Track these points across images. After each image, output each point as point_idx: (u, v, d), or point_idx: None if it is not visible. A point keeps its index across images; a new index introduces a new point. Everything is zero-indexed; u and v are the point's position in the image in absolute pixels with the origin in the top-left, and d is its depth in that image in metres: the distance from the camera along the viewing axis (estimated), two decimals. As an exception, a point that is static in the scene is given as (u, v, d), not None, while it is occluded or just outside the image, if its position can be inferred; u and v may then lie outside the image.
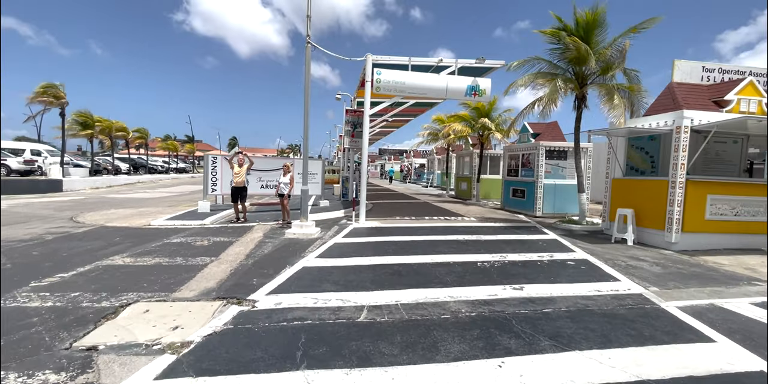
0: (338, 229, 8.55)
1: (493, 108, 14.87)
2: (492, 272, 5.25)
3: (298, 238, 7.52)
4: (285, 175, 9.42)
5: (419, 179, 34.19)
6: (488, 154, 16.69)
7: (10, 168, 21.20)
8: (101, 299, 4.01)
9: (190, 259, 5.74)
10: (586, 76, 9.00)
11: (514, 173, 12.92)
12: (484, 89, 9.41)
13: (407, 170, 38.05)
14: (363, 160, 9.43)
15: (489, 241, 7.51)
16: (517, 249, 6.78)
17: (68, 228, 8.43)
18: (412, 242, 7.19)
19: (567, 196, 11.55)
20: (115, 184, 24.93)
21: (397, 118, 19.20)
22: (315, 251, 6.35)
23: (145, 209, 12.26)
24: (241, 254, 6.13)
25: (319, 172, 12.32)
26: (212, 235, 7.67)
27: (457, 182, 19.03)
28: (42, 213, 11.18)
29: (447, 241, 7.39)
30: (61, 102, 22.14)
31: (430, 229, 8.79)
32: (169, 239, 7.25)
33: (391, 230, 8.52)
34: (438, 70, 9.52)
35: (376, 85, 8.90)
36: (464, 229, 8.78)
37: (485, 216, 11.44)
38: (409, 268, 5.40)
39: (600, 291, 4.50)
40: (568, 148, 11.52)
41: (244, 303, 3.96)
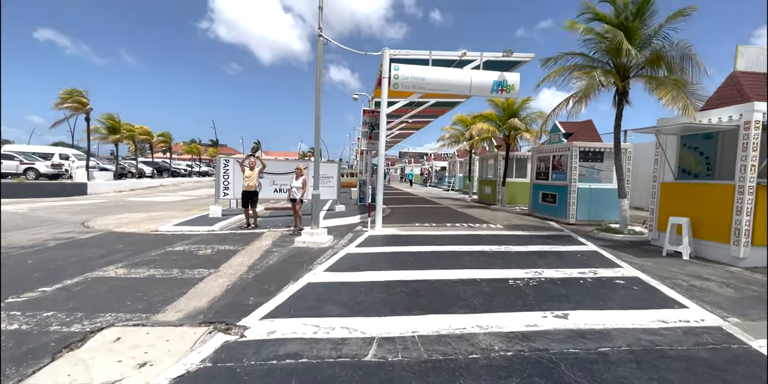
0: (352, 237, 7.91)
1: (522, 107, 13.94)
2: (527, 293, 4.46)
3: (308, 247, 6.92)
4: (297, 178, 8.89)
5: (440, 183, 33.29)
6: (514, 156, 15.73)
7: (38, 171, 21.77)
8: (73, 322, 3.49)
9: (186, 272, 5.21)
10: (628, 69, 8.04)
11: (543, 176, 11.97)
12: (512, 85, 8.60)
13: (428, 173, 37.20)
14: (379, 163, 8.79)
15: (519, 252, 6.68)
16: (552, 263, 5.93)
17: (75, 233, 8.15)
18: (432, 253, 6.46)
19: (603, 201, 10.51)
20: (138, 188, 25.27)
21: (417, 120, 18.50)
22: (324, 263, 5.72)
23: (159, 213, 12.03)
24: (243, 266, 5.56)
25: (334, 176, 11.76)
26: (218, 243, 7.18)
27: (481, 186, 18.11)
28: (58, 217, 11.09)
29: (472, 252, 6.61)
30: (86, 108, 22.61)
31: (452, 237, 8.02)
32: (172, 247, 6.80)
33: (410, 239, 7.81)
34: (461, 64, 8.78)
35: (393, 81, 8.25)
36: (490, 239, 7.96)
37: (512, 223, 10.54)
38: (429, 285, 4.68)
39: (666, 322, 3.64)
40: (604, 148, 10.50)
41: (232, 330, 3.35)
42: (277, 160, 12.70)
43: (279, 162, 12.24)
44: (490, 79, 8.49)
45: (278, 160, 14.23)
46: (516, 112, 13.91)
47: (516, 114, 13.88)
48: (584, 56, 8.32)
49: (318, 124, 7.17)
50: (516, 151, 15.90)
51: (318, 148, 7.29)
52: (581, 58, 8.39)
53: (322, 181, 11.54)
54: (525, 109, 14.18)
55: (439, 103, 14.40)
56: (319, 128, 7.19)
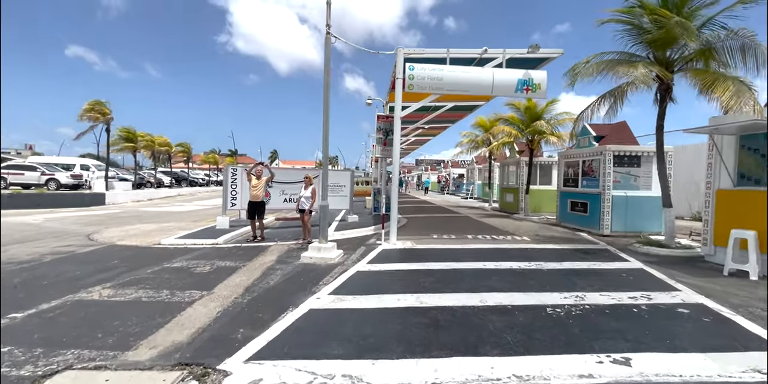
0: (364, 251, 7.24)
1: (547, 109, 13.09)
2: (571, 326, 3.67)
3: (315, 263, 6.29)
4: (306, 188, 8.33)
5: (458, 190, 32.36)
6: (538, 162, 14.82)
7: (59, 182, 22.07)
8: (27, 361, 2.93)
9: (177, 294, 4.65)
10: (673, 62, 7.19)
11: (572, 183, 11.05)
12: (538, 83, 7.85)
13: (445, 181, 36.31)
14: (394, 170, 8.13)
15: (554, 271, 5.85)
16: (594, 284, 5.10)
17: (76, 247, 7.79)
18: (453, 272, 5.71)
19: (642, 210, 9.53)
20: (155, 197, 25.39)
21: (434, 125, 17.84)
22: (330, 284, 5.06)
23: (169, 224, 11.70)
24: (241, 287, 4.97)
25: (347, 184, 11.18)
26: (219, 258, 6.64)
27: (502, 194, 17.19)
28: (69, 228, 10.88)
29: (498, 270, 5.83)
30: (107, 118, 22.95)
31: (475, 252, 7.25)
32: (170, 263, 6.30)
33: (427, 253, 7.08)
34: (481, 63, 8.11)
35: (408, 82, 7.64)
36: (518, 253, 7.15)
37: (540, 234, 9.66)
38: (452, 315, 3.95)
39: (762, 372, 2.81)
40: (642, 152, 9.55)
41: (210, 377, 2.72)
42: (287, 169, 12.22)
43: (289, 170, 11.76)
44: (514, 78, 7.78)
45: (288, 168, 13.76)
46: (540, 115, 13.07)
47: (540, 117, 13.04)
48: (620, 53, 7.51)
49: (326, 127, 6.61)
50: (540, 157, 15.00)
51: (326, 153, 6.71)
52: (616, 55, 7.59)
53: (334, 190, 10.98)
54: (549, 111, 13.32)
55: (457, 108, 13.71)
56: (327, 132, 6.62)
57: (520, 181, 15.06)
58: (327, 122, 6.59)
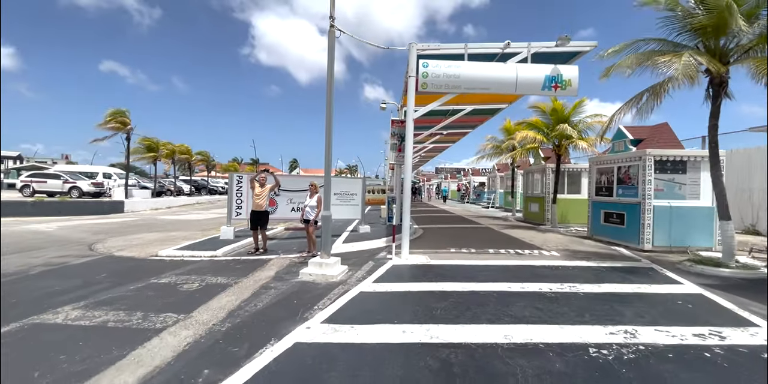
0: (372, 267, 6.50)
1: (575, 111, 12.11)
2: (624, 377, 2.81)
3: (314, 281, 5.59)
4: (311, 196, 7.71)
5: (479, 199, 31.22)
6: (565, 168, 13.77)
7: (81, 190, 22.46)
8: (-70, 413, 2.35)
9: (150, 317, 4.04)
10: (726, 52, 6.23)
11: (605, 192, 10.01)
12: (568, 80, 7.01)
13: (465, 189, 35.20)
14: (405, 177, 7.41)
15: (592, 295, 4.94)
16: (645, 314, 4.18)
17: (72, 257, 7.40)
18: (472, 295, 4.89)
19: (688, 222, 8.41)
20: (174, 205, 25.51)
21: (453, 131, 17.06)
22: (327, 308, 4.35)
23: (177, 233, 11.33)
24: (224, 310, 4.32)
25: (358, 193, 10.52)
26: (212, 273, 6.05)
27: (526, 203, 16.13)
28: (76, 237, 10.66)
29: (525, 293, 4.97)
30: (127, 128, 23.33)
31: (497, 270, 6.39)
32: (158, 278, 5.75)
33: (443, 271, 6.27)
34: (504, 59, 7.35)
35: (421, 80, 6.95)
36: (548, 272, 6.24)
37: (571, 248, 8.67)
38: (469, 356, 3.15)
39: None
40: (688, 157, 8.47)
41: (139, 448, 2.04)
42: (295, 176, 11.67)
43: (297, 178, 11.22)
44: (540, 74, 6.97)
45: (296, 175, 13.21)
46: (567, 118, 12.10)
47: (567, 120, 12.06)
48: (662, 42, 6.61)
49: (330, 126, 5.98)
50: (567, 163, 13.94)
51: (328, 158, 6.06)
52: (657, 44, 6.69)
53: (344, 198, 10.34)
54: (578, 113, 12.33)
55: (477, 111, 12.92)
56: (330, 130, 5.98)
57: (546, 189, 14.03)
58: (330, 118, 5.97)
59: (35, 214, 16.75)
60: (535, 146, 13.54)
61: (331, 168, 6.16)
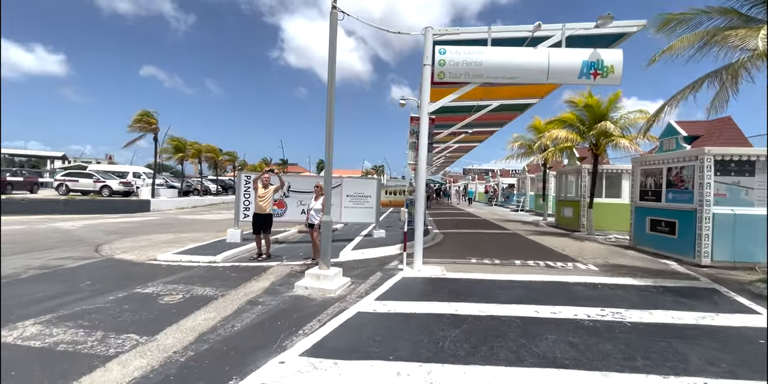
0: (378, 280, 5.76)
1: (613, 106, 10.86)
2: None
3: (309, 296, 4.92)
4: (317, 198, 7.11)
5: (507, 202, 29.76)
6: (603, 170, 12.48)
7: (111, 189, 23.09)
8: None
9: (108, 339, 3.50)
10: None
11: (652, 196, 8.78)
12: (610, 66, 6.00)
13: (493, 191, 33.75)
14: (419, 177, 6.62)
15: (642, 326, 3.97)
16: (717, 360, 3.20)
17: (72, 260, 7.15)
18: (489, 321, 4.05)
19: (758, 233, 7.11)
20: (199, 205, 25.83)
21: (478, 130, 16.03)
22: (312, 334, 3.66)
23: (189, 234, 11.07)
24: (195, 331, 3.72)
25: (373, 195, 9.81)
26: (203, 283, 5.52)
27: (559, 207, 14.87)
28: (90, 236, 10.64)
29: (557, 321, 4.07)
30: (154, 128, 23.79)
31: (523, 287, 5.48)
32: (143, 287, 5.28)
33: (459, 287, 5.44)
34: (534, 43, 6.42)
35: (438, 69, 6.16)
36: (585, 292, 5.27)
37: (611, 261, 7.56)
38: (477, 419, 2.35)
39: None
40: (757, 156, 7.17)
41: None
42: (305, 176, 11.14)
43: (308, 178, 10.67)
44: (577, 59, 5.99)
45: (306, 175, 12.70)
46: (604, 114, 10.86)
47: (604, 116, 10.83)
48: (730, 14, 5.47)
49: (330, 119, 5.31)
50: (605, 164, 12.63)
51: (329, 156, 5.38)
52: (723, 19, 5.56)
53: (358, 200, 9.67)
54: (615, 109, 11.05)
55: (505, 107, 11.90)
56: (331, 125, 5.31)
57: (582, 192, 12.77)
58: (332, 111, 5.30)
59: (67, 211, 17.24)
60: (569, 145, 12.34)
61: (331, 167, 5.48)
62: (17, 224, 12.81)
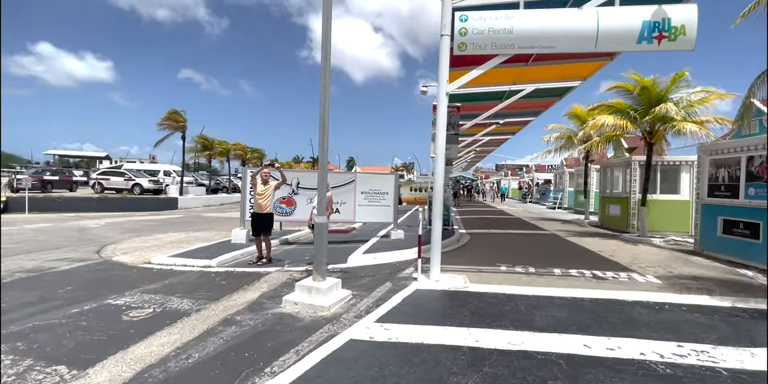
0: (386, 293, 4.83)
1: (674, 87, 9.24)
2: None
3: (297, 314, 4.07)
4: (320, 196, 6.24)
5: (543, 199, 27.85)
6: (658, 162, 10.84)
7: (142, 187, 23.58)
8: None
9: (28, 374, 2.81)
10: None
11: (725, 191, 7.26)
12: (680, 26, 4.70)
13: (527, 187, 31.80)
14: (436, 172, 5.58)
15: (745, 377, 2.79)
16: None
17: (68, 262, 6.75)
18: (521, 361, 3.01)
19: None
20: (226, 202, 25.95)
21: (511, 120, 14.63)
22: (283, 373, 2.79)
23: (201, 234, 10.64)
24: (141, 362, 2.96)
25: (390, 192, 8.87)
26: (183, 293, 4.83)
27: (603, 205, 13.26)
28: (105, 234, 10.49)
29: (617, 363, 2.96)
30: (181, 126, 24.03)
31: (566, 305, 4.35)
32: (118, 297, 4.65)
33: (483, 304, 4.39)
34: (579, 3, 5.19)
35: (459, 40, 5.10)
36: (649, 315, 4.07)
37: (675, 271, 6.20)
38: None
39: None
40: None
41: None
42: (315, 171, 10.32)
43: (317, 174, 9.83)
44: (635, 20, 4.74)
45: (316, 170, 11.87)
46: (663, 96, 9.26)
47: (663, 98, 9.24)
48: None
49: (326, 102, 4.42)
50: (661, 155, 10.95)
51: (324, 141, 4.48)
52: None
53: (373, 198, 8.77)
54: (677, 89, 9.39)
55: (541, 92, 10.54)
56: (327, 106, 4.42)
57: (631, 188, 11.19)
58: (327, 93, 4.41)
59: (100, 209, 17.57)
60: (617, 134, 10.77)
61: (326, 157, 4.58)
62: (45, 222, 12.97)
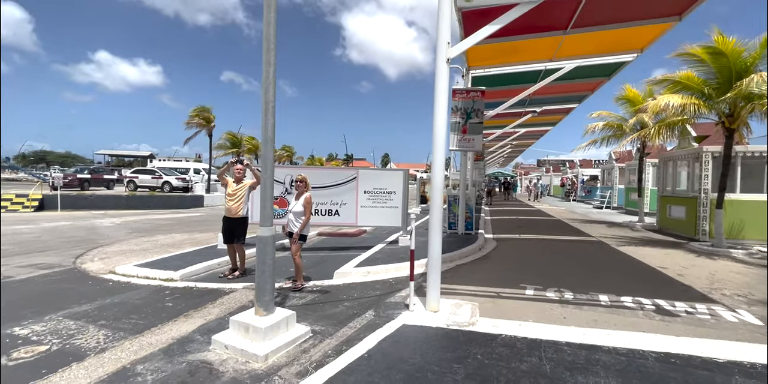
0: (361, 329, 3.57)
1: (762, 55, 7.14)
2: None
3: (221, 364, 2.91)
4: (298, 197, 5.12)
5: (588, 196, 25.21)
6: (737, 153, 8.70)
7: (171, 184, 23.85)
8: None
9: None
10: None
11: None
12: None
13: (570, 184, 29.06)
14: (434, 163, 4.19)
15: None
16: None
17: (34, 269, 6.14)
18: None
19: None
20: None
21: (549, 108, 12.72)
22: None
23: (202, 235, 9.94)
24: None
25: (398, 191, 7.57)
26: (113, 319, 3.86)
27: (663, 205, 11.14)
28: (110, 234, 10.19)
29: None
30: (210, 125, 23.99)
31: (617, 366, 2.87)
32: (34, 322, 3.78)
33: (490, 361, 3.01)
34: None
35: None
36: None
37: (779, 303, 4.43)
38: None
39: None
40: None
41: None
42: (313, 168, 9.23)
43: (314, 169, 8.71)
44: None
45: (313, 166, 10.78)
46: (749, 66, 7.20)
47: (749, 69, 7.18)
48: None
49: (270, 77, 3.21)
50: (742, 145, 8.78)
51: (268, 129, 3.27)
52: None
53: (378, 198, 7.52)
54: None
55: (584, 71, 8.75)
56: (271, 79, 3.21)
57: (701, 185, 9.10)
58: (271, 65, 3.20)
59: (129, 207, 17.70)
60: (683, 120, 8.72)
61: (271, 144, 3.36)
62: (66, 220, 12.97)
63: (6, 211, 15.61)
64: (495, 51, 7.55)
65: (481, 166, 19.55)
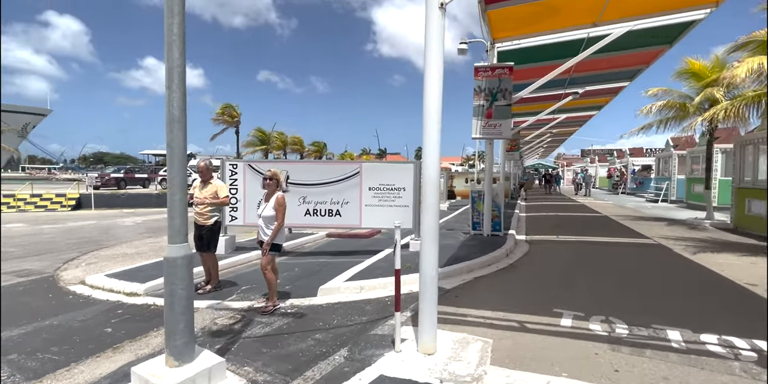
0: (320, 381, 2.59)
1: None
2: None
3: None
4: (268, 198, 4.20)
5: (640, 188, 22.64)
6: None
7: (194, 182, 24.09)
8: None
9: None
10: None
11: None
12: None
13: (619, 175, 26.33)
14: (426, 154, 3.09)
15: None
16: None
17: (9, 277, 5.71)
18: None
19: None
20: (279, 196, 25.56)
21: (592, 88, 10.94)
22: None
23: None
24: None
25: (408, 187, 6.48)
26: (32, 351, 3.16)
27: (741, 200, 9.21)
28: (121, 235, 10.10)
29: None
30: (236, 121, 23.97)
31: None
32: (-59, 354, 3.13)
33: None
34: None
35: None
36: None
37: None
38: None
39: None
40: None
41: None
42: (309, 162, 8.29)
43: (313, 165, 7.79)
44: None
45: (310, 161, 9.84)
46: None
47: None
48: None
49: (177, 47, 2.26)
50: None
51: (173, 102, 2.33)
52: None
53: (384, 195, 6.49)
54: None
55: (637, 36, 7.11)
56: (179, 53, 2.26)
57: (795, 174, 7.24)
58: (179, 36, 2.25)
59: (159, 205, 18.00)
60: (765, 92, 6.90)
61: (180, 140, 2.41)
62: (91, 220, 13.12)
63: (45, 210, 16.35)
64: (524, 15, 6.22)
65: (516, 156, 17.85)
